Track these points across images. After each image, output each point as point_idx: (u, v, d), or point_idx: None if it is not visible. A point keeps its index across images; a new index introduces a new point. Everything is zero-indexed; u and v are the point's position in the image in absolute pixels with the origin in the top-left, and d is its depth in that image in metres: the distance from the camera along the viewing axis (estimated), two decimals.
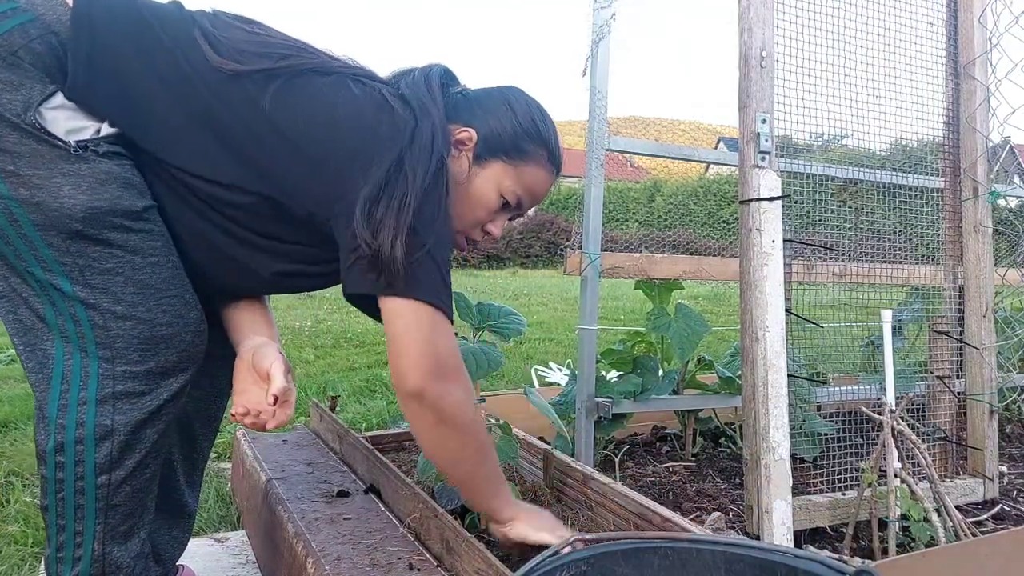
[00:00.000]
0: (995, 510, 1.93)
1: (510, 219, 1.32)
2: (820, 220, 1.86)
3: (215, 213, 1.15)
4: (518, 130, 1.24)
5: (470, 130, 1.22)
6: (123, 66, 1.07)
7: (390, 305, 1.10)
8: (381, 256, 1.04)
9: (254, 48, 1.13)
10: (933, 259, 2.02)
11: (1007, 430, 2.70)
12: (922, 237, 2.01)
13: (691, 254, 2.66)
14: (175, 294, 1.13)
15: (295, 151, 1.11)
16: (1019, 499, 2.05)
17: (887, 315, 1.72)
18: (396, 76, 1.27)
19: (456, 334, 1.53)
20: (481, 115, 1.24)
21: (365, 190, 1.06)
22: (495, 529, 1.28)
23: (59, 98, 1.04)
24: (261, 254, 1.20)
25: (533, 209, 1.37)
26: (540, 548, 1.17)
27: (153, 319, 1.10)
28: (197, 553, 1.68)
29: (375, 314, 1.14)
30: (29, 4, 1.03)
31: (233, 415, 1.22)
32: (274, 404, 1.19)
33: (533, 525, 1.24)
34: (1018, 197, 3.07)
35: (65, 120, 1.05)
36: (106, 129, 1.08)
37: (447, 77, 1.30)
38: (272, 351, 1.24)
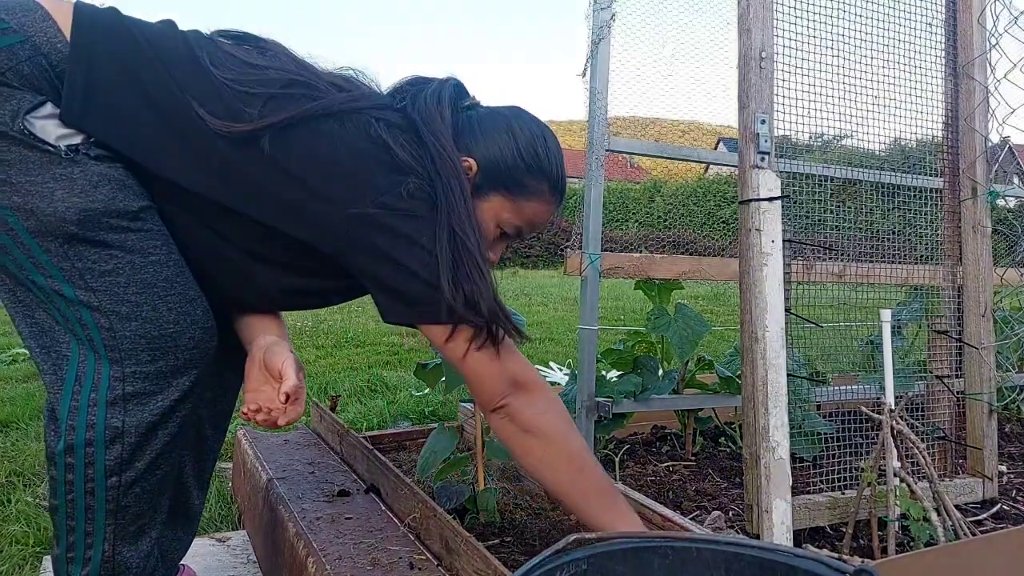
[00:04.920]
0: (994, 509, 1.93)
1: (509, 245, 1.32)
2: (819, 220, 1.86)
3: (221, 227, 1.16)
4: (519, 163, 1.21)
5: (471, 160, 1.19)
6: (120, 100, 1.07)
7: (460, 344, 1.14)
8: (491, 324, 1.12)
9: (253, 88, 1.12)
10: (932, 259, 2.02)
11: (1006, 429, 2.71)
12: (921, 237, 2.01)
13: (691, 254, 2.66)
14: (179, 292, 1.13)
15: (292, 191, 1.11)
16: (1018, 498, 2.05)
17: (886, 315, 1.72)
18: (405, 91, 1.25)
19: None
20: (483, 142, 1.21)
21: (442, 268, 1.08)
22: None
23: (48, 107, 1.04)
24: (269, 269, 1.20)
25: None
26: None
27: (158, 318, 1.10)
28: (198, 553, 1.68)
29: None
30: (19, 26, 1.03)
31: (244, 413, 1.22)
32: (286, 402, 1.19)
33: None
34: (1017, 197, 3.07)
35: (55, 127, 1.04)
36: None
37: (458, 94, 1.27)
38: (283, 349, 1.24)
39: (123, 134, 1.08)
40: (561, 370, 4.01)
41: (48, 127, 1.04)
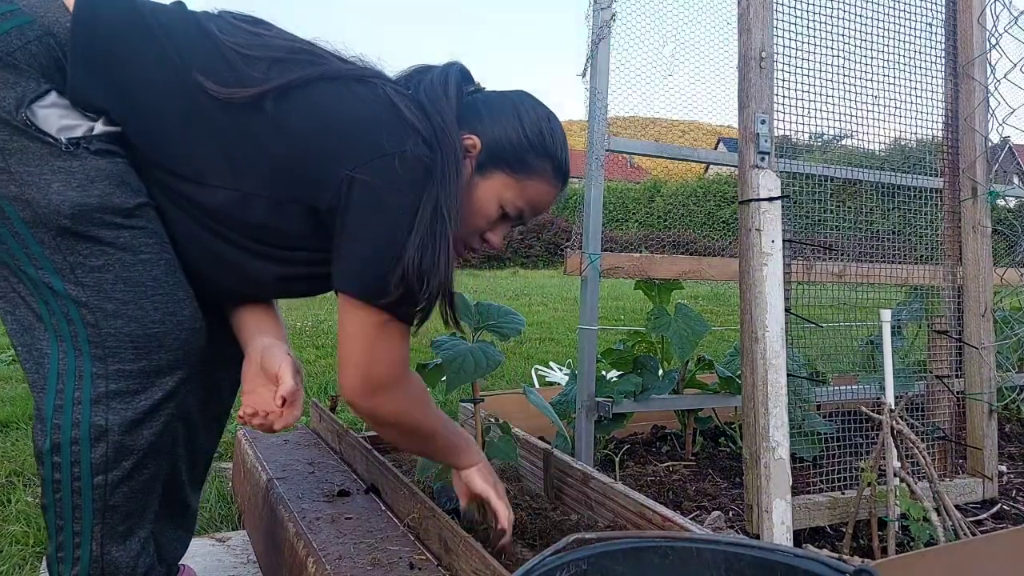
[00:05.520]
0: (994, 509, 1.94)
1: (511, 228, 1.32)
2: (819, 220, 1.86)
3: (213, 221, 1.15)
4: (524, 143, 1.22)
5: (475, 138, 1.20)
6: (122, 71, 1.07)
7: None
8: (430, 300, 1.12)
9: (259, 52, 1.13)
10: (932, 259, 2.02)
11: (1006, 429, 2.71)
12: (921, 237, 2.01)
13: (691, 254, 2.66)
14: (166, 292, 1.12)
15: (295, 147, 1.11)
16: (1018, 498, 2.06)
17: (886, 315, 1.72)
18: (411, 76, 1.26)
19: (455, 334, 1.54)
20: (488, 122, 1.22)
21: (411, 242, 1.08)
22: (453, 476, 1.41)
23: (53, 96, 1.04)
24: (262, 260, 1.20)
25: None
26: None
27: (144, 317, 1.09)
28: (198, 553, 1.68)
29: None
30: (28, 6, 1.04)
31: (240, 416, 1.21)
32: (282, 406, 1.19)
33: (482, 476, 1.37)
34: (1017, 197, 3.07)
35: (58, 118, 1.04)
36: (99, 127, 1.08)
37: (463, 78, 1.28)
38: (281, 352, 1.23)
39: (124, 108, 1.08)
40: (561, 370, 4.01)
41: (51, 118, 1.04)
